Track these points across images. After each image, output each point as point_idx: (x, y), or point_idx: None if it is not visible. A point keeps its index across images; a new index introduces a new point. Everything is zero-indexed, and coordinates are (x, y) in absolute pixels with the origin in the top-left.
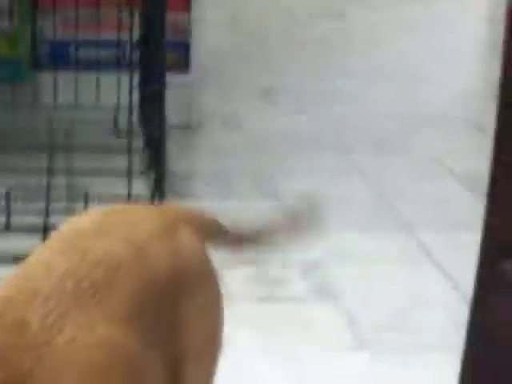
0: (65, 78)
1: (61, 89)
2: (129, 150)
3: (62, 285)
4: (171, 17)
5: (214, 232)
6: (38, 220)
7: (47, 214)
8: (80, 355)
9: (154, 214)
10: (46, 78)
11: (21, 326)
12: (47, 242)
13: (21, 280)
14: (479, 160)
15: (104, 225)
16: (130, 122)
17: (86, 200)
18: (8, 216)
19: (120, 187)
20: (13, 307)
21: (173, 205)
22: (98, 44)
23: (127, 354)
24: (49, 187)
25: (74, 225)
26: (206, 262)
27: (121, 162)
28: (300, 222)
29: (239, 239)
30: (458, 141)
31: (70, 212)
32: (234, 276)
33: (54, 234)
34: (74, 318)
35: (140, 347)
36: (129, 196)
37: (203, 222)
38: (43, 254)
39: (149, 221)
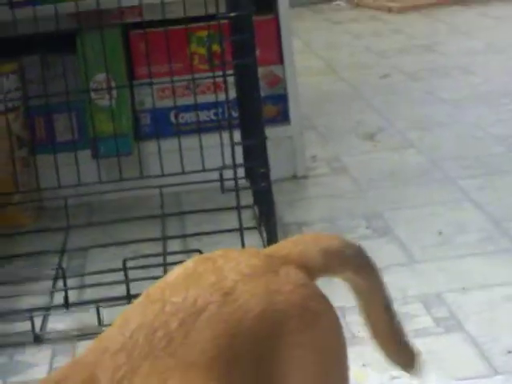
0: (167, 145)
1: (165, 156)
2: (238, 207)
3: (133, 338)
4: (265, 70)
5: (335, 265)
6: None
7: None
8: None
9: (249, 256)
10: (149, 147)
11: None
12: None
13: (96, 341)
14: None
15: (192, 274)
16: (235, 179)
17: None
18: (127, 285)
19: (233, 244)
20: (81, 368)
21: (281, 244)
22: (196, 108)
23: None
24: (165, 253)
25: (164, 278)
26: (315, 303)
27: (231, 219)
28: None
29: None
30: None
31: None
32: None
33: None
34: (144, 371)
35: None
36: None
37: (316, 256)
38: (125, 312)
39: (242, 264)
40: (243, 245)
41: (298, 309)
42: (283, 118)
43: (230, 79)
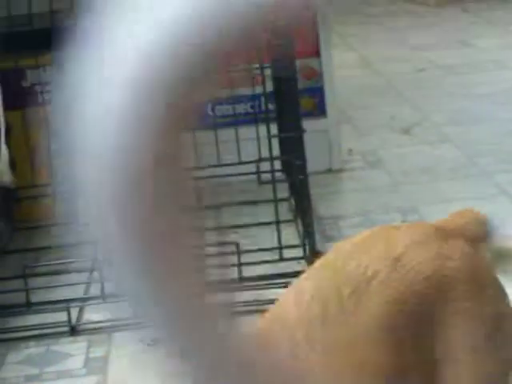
0: (204, 137)
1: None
2: (275, 199)
3: (309, 310)
4: (301, 63)
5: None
6: None
7: None
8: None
9: (418, 226)
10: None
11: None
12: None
13: (271, 311)
14: None
15: (361, 244)
16: (272, 171)
17: (238, 253)
18: None
19: (269, 236)
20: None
21: (449, 219)
22: (233, 101)
23: (381, 376)
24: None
25: (335, 248)
26: (483, 273)
27: (268, 212)
28: None
29: None
30: None
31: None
32: None
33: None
34: (319, 341)
35: (393, 365)
36: (279, 244)
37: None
38: (300, 280)
39: (412, 232)
40: (280, 237)
41: (467, 276)
42: (319, 111)
43: (267, 72)
